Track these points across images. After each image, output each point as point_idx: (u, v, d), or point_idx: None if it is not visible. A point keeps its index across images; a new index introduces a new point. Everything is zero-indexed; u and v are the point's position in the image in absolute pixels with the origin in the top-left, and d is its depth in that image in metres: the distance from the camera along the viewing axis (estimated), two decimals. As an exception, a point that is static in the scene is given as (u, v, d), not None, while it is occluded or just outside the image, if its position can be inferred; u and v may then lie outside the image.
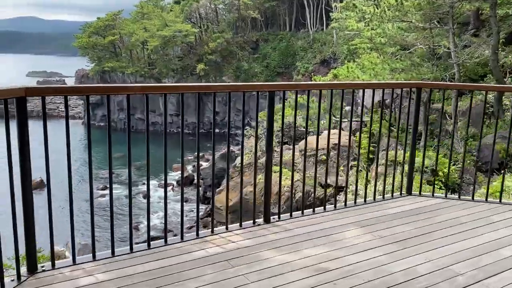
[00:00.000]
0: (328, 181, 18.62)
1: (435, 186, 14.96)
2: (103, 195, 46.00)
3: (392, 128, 21.49)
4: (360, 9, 19.52)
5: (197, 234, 5.35)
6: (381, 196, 7.07)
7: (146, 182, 5.12)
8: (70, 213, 4.59)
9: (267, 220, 6.02)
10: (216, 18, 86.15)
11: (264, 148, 22.84)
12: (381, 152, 17.86)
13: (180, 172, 56.01)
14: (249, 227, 5.61)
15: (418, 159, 16.88)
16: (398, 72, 18.98)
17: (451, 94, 23.27)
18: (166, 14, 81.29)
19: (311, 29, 73.10)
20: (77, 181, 52.64)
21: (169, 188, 49.30)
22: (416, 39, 18.79)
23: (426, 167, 15.53)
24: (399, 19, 18.68)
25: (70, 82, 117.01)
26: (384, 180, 7.46)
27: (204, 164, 54.18)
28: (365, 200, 6.83)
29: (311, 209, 6.46)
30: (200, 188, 47.70)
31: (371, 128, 21.78)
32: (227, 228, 5.58)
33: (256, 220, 5.96)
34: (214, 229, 5.50)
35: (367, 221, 5.90)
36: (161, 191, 48.84)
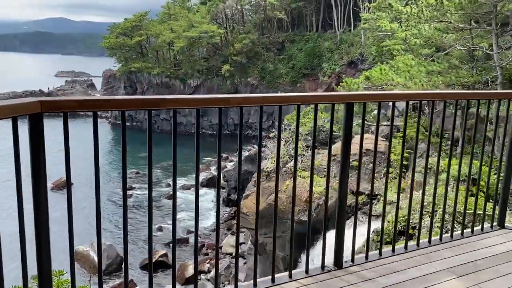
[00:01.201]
0: (361, 188, 17.89)
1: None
2: (128, 197, 46.09)
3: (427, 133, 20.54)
4: (396, 9, 18.71)
5: (255, 285, 4.20)
6: (469, 230, 5.81)
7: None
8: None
9: (338, 265, 4.85)
10: (242, 19, 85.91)
11: (292, 152, 22.12)
12: (418, 160, 17.03)
13: (205, 172, 55.89)
14: (317, 274, 4.60)
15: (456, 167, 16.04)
16: (436, 75, 18.07)
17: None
18: (192, 15, 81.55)
19: (338, 30, 72.03)
20: (104, 179, 53.11)
21: (192, 190, 49.18)
22: (455, 40, 17.85)
23: (466, 176, 14.55)
24: (437, 19, 17.78)
25: (98, 82, 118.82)
26: (475, 210, 5.79)
27: (229, 166, 53.82)
28: (451, 235, 5.64)
29: (390, 248, 5.20)
30: (224, 190, 47.35)
31: (405, 135, 20.98)
32: (290, 276, 4.51)
33: (325, 265, 4.74)
34: (275, 276, 4.45)
35: (463, 267, 4.71)
36: (184, 193, 48.80)
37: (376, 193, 17.08)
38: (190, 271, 30.63)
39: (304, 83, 73.41)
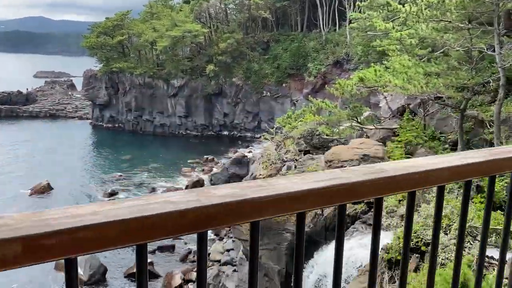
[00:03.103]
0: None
1: None
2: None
3: (423, 137, 19.83)
4: (395, 7, 17.92)
5: None
6: None
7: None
8: None
9: None
10: (226, 18, 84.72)
11: (284, 157, 20.69)
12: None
13: (191, 174, 54.61)
14: None
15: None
16: (435, 77, 17.32)
17: (486, 99, 21.57)
18: (175, 14, 79.99)
19: (324, 29, 71.40)
20: (85, 183, 51.45)
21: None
22: (455, 40, 17.13)
23: (471, 183, 13.78)
24: (437, 19, 17.03)
25: (78, 83, 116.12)
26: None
27: (215, 169, 52.68)
28: None
29: None
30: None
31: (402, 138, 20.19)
32: None
33: None
34: None
35: None
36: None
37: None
38: (177, 280, 29.49)
39: (289, 83, 72.60)
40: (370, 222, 15.36)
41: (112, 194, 46.74)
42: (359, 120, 22.78)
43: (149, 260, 17.98)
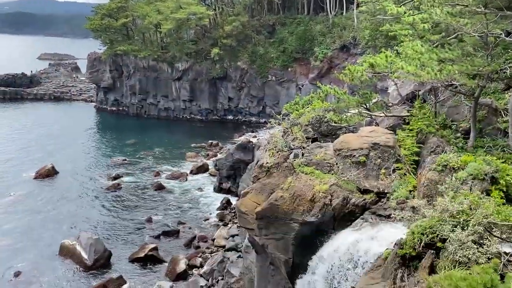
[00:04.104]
0: (367, 185, 16.62)
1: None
2: (115, 186, 44.30)
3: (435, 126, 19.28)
4: (409, -10, 17.25)
5: None
6: None
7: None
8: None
9: None
10: (231, 0, 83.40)
11: (291, 145, 20.27)
12: (430, 156, 15.74)
13: (194, 159, 54.44)
14: None
15: (474, 164, 14.82)
16: (449, 63, 16.69)
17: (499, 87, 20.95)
18: (180, -4, 78.70)
19: (331, 13, 70.13)
20: (90, 167, 51.35)
21: (182, 179, 47.68)
22: (470, 25, 16.45)
23: (485, 174, 13.36)
24: (452, 3, 16.34)
25: (83, 65, 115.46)
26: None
27: (219, 154, 52.32)
28: None
29: None
30: (215, 179, 46.00)
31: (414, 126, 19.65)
32: None
33: None
34: None
35: None
36: (173, 182, 47.27)
37: (385, 191, 15.85)
38: (181, 265, 29.39)
39: (295, 67, 71.69)
40: (380, 213, 14.96)
41: (116, 178, 46.58)
42: (368, 107, 22.23)
43: (153, 245, 17.94)
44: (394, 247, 10.67)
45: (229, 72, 76.15)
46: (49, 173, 46.58)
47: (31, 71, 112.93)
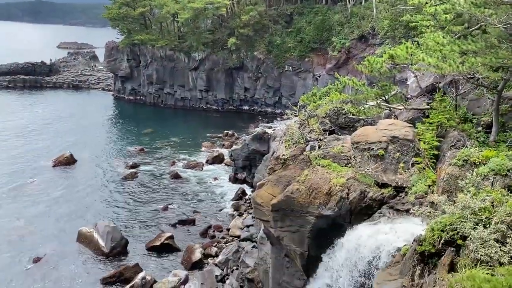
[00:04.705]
0: (385, 179, 16.39)
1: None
2: (132, 175, 44.77)
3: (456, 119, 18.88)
4: (432, -20, 16.80)
5: None
6: None
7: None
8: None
9: None
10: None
11: (308, 136, 20.02)
12: (451, 150, 15.42)
13: (210, 149, 54.68)
14: None
15: (496, 159, 14.45)
16: (472, 56, 16.25)
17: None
18: (198, -15, 78.39)
19: (349, 2, 69.08)
20: (107, 155, 51.93)
21: (198, 168, 47.92)
22: (495, 16, 15.97)
23: (508, 170, 13.01)
24: (477, -8, 15.86)
25: (101, 54, 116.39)
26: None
27: (235, 145, 52.32)
28: None
29: None
30: (231, 169, 46.10)
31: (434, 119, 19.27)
32: None
33: None
34: None
35: None
36: (189, 171, 47.54)
37: (404, 185, 15.62)
38: (197, 254, 29.63)
39: (312, 57, 71.01)
40: (398, 208, 14.77)
41: (133, 166, 47.03)
42: (387, 99, 21.88)
43: (169, 234, 17.99)
44: (412, 243, 10.51)
45: (245, 62, 75.87)
46: (68, 161, 47.26)
47: (50, 60, 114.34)
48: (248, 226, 33.48)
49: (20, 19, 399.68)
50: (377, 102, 22.43)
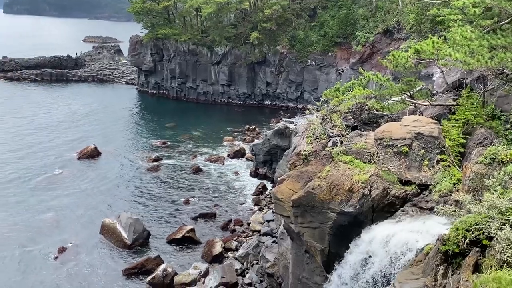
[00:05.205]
0: (409, 176, 16.11)
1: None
2: (154, 168, 45.34)
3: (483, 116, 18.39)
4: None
5: None
6: None
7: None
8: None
9: None
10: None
11: (330, 132, 19.80)
12: (477, 148, 15.03)
13: (231, 143, 54.90)
14: None
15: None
16: (502, 51, 15.78)
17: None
18: (221, -21, 78.41)
19: (374, -4, 68.03)
20: (131, 148, 52.66)
21: (219, 162, 48.15)
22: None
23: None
24: (507, -15, 15.37)
25: (125, 48, 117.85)
26: None
27: (256, 140, 52.37)
28: None
29: None
30: (252, 163, 46.16)
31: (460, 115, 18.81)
32: None
33: None
34: None
35: None
36: (211, 165, 47.82)
37: (428, 183, 15.32)
38: (217, 248, 29.83)
39: (336, 52, 70.29)
40: (421, 206, 14.50)
41: (156, 160, 47.58)
42: (411, 95, 21.47)
43: (190, 227, 18.17)
44: (436, 242, 10.30)
45: (268, 57, 75.65)
46: (92, 154, 48.14)
47: (76, 54, 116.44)
48: (268, 221, 33.50)
49: (48, 13, 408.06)
50: (401, 98, 22.03)
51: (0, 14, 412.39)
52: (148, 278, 26.45)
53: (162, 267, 27.06)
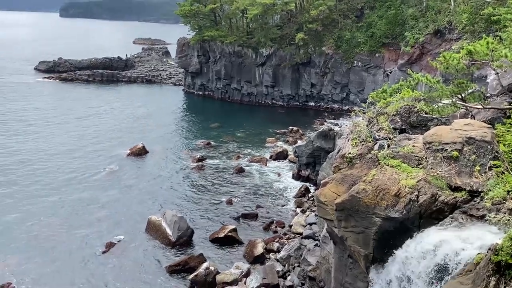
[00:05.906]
0: (459, 182, 15.46)
1: None
2: (199, 167, 46.16)
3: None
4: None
5: None
6: None
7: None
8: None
9: None
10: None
11: (376, 135, 19.33)
12: (535, 153, 14.24)
13: (274, 144, 54.95)
14: None
15: None
16: None
17: None
18: (267, -19, 78.69)
19: (424, -5, 65.99)
20: (177, 148, 53.83)
21: (261, 163, 48.27)
22: None
23: None
24: None
25: (172, 49, 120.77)
26: None
27: (299, 141, 52.10)
28: None
29: None
30: (295, 165, 45.95)
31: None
32: None
33: None
34: None
35: None
36: (254, 166, 48.05)
37: (479, 190, 14.64)
38: (259, 249, 29.91)
39: (383, 53, 68.73)
40: (472, 213, 13.87)
41: (201, 159, 48.39)
42: (463, 98, 20.62)
43: (233, 227, 18.38)
44: (487, 252, 9.83)
45: (313, 58, 75.13)
46: (140, 152, 49.71)
47: (126, 55, 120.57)
48: (310, 224, 33.22)
49: (100, 17, 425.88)
50: (452, 101, 21.21)
51: (57, 18, 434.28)
52: (191, 276, 26.89)
53: (204, 265, 27.42)
